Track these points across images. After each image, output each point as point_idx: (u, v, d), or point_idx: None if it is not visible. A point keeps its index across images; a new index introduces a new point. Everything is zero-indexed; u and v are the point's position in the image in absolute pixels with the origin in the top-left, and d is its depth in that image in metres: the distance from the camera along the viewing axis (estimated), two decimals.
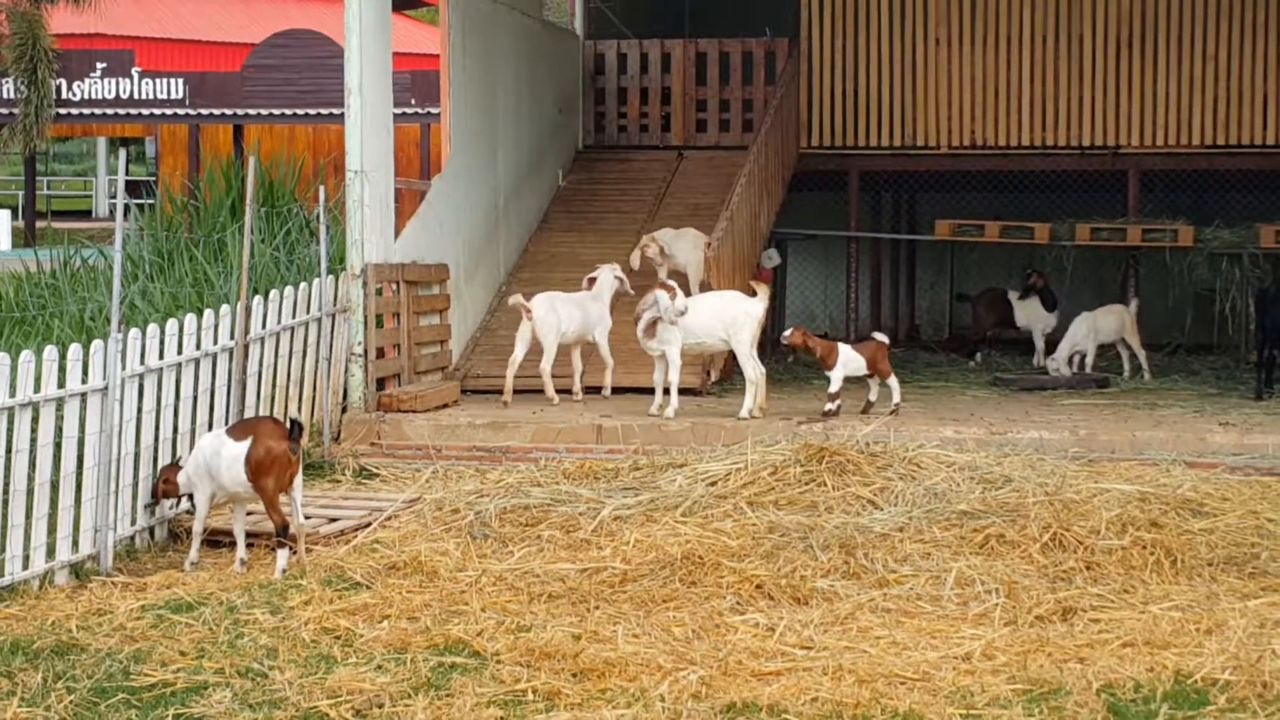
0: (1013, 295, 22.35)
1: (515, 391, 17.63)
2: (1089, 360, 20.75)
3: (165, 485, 12.40)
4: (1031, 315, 21.99)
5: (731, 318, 16.53)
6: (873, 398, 16.93)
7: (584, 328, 17.72)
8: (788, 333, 17.17)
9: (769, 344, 21.57)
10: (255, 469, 11.63)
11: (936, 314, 27.80)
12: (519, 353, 17.64)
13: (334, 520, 13.01)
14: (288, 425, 11.85)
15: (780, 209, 22.32)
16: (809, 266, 26.96)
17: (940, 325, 27.50)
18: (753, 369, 16.44)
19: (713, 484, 12.86)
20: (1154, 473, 13.57)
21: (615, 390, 17.88)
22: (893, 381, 16.85)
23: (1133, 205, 23.07)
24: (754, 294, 16.93)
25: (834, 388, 16.62)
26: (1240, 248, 22.01)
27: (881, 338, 17.37)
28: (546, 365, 17.59)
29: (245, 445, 11.71)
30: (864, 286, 24.91)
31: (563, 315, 17.60)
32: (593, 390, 17.93)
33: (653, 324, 16.58)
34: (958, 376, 20.97)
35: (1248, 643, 9.46)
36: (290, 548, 11.67)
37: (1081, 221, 22.67)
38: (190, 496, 12.26)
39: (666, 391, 16.61)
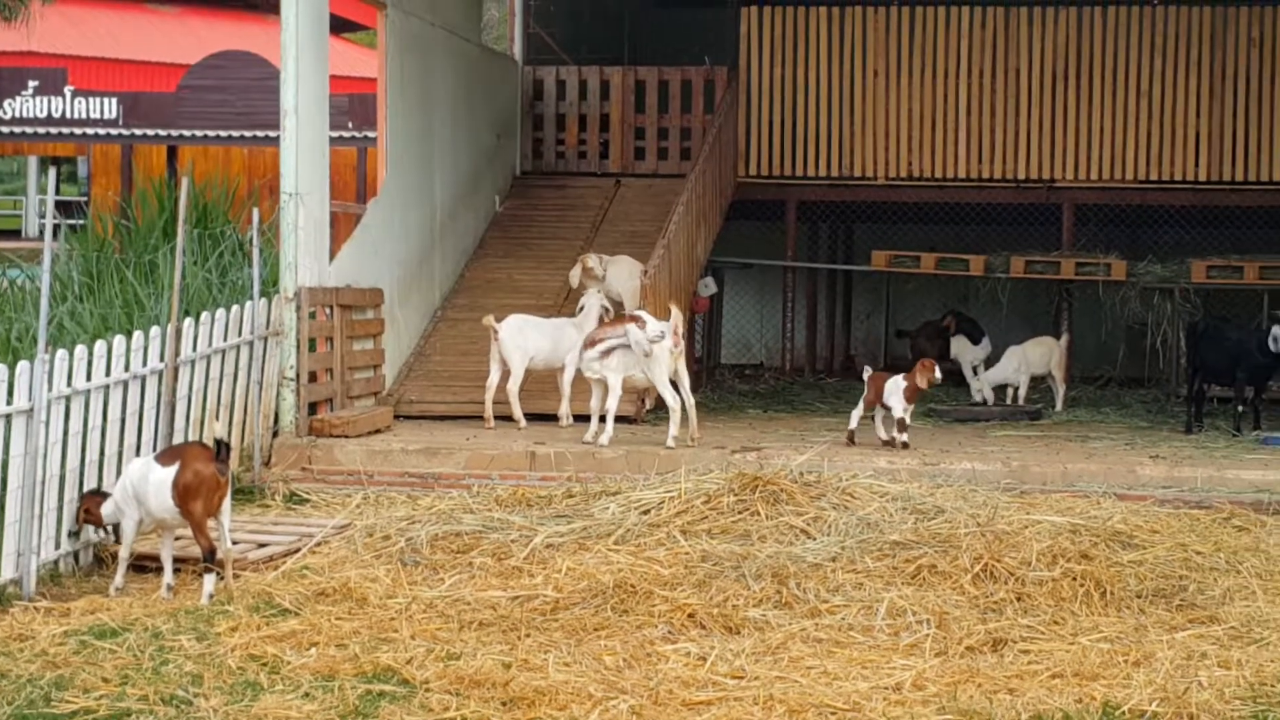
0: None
1: (452, 417, 17.60)
2: (1021, 393, 20.85)
3: (87, 515, 12.27)
4: (960, 349, 22.05)
5: (650, 352, 16.51)
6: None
7: (552, 354, 17.72)
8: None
9: (703, 372, 21.63)
10: (183, 493, 11.52)
11: (872, 345, 27.82)
12: (493, 375, 17.68)
13: (263, 546, 12.92)
14: (214, 446, 11.76)
15: (717, 237, 22.34)
16: (745, 295, 26.98)
17: (876, 356, 27.51)
18: (671, 397, 16.43)
19: (646, 512, 12.81)
20: (1085, 505, 13.61)
21: (532, 416, 17.87)
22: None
23: (1067, 239, 23.18)
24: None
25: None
26: (1172, 282, 22.15)
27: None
28: (513, 386, 17.60)
29: (173, 470, 11.59)
30: (800, 316, 24.93)
31: (530, 339, 17.62)
32: (543, 418, 17.95)
33: (610, 351, 16.58)
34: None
35: (1175, 674, 9.48)
36: (217, 573, 11.57)
37: (1016, 254, 22.77)
38: (115, 526, 12.13)
39: (602, 419, 16.59)
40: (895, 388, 16.80)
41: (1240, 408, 18.64)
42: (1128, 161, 22.99)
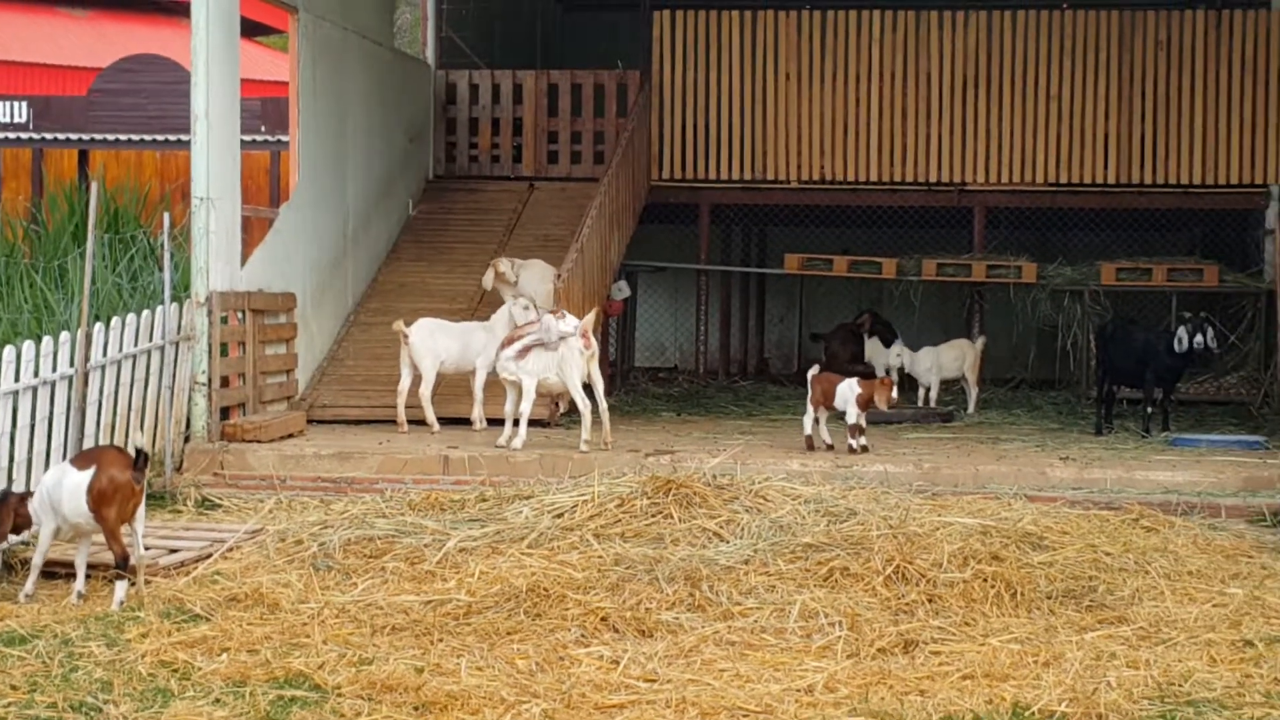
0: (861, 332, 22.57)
1: (365, 422, 17.56)
2: (933, 394, 20.98)
3: (18, 518, 12.09)
4: (873, 351, 22.15)
5: (561, 354, 16.51)
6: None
7: (462, 358, 17.71)
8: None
9: (616, 375, 21.66)
10: (98, 498, 11.41)
11: (786, 347, 27.94)
12: (405, 380, 17.66)
13: (174, 551, 12.83)
14: (132, 454, 11.67)
15: (631, 241, 22.39)
16: (659, 299, 27.04)
17: (789, 359, 27.64)
18: (582, 400, 16.45)
19: (559, 516, 12.81)
20: (996, 506, 13.68)
21: (445, 420, 17.87)
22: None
23: (978, 241, 23.35)
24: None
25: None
26: (1082, 285, 22.36)
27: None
28: (425, 390, 17.59)
29: (88, 474, 11.48)
30: (714, 319, 25.00)
31: (440, 343, 17.61)
32: (457, 422, 17.96)
33: (528, 350, 16.56)
34: (805, 410, 21.01)
35: (1084, 675, 9.55)
36: (130, 580, 11.50)
37: (928, 257, 22.93)
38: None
39: (516, 423, 16.59)
40: (849, 394, 16.72)
41: (1149, 409, 18.81)
42: (1038, 165, 23.17)
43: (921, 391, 21.19)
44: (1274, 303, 21.30)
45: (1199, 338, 18.37)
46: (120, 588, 11.34)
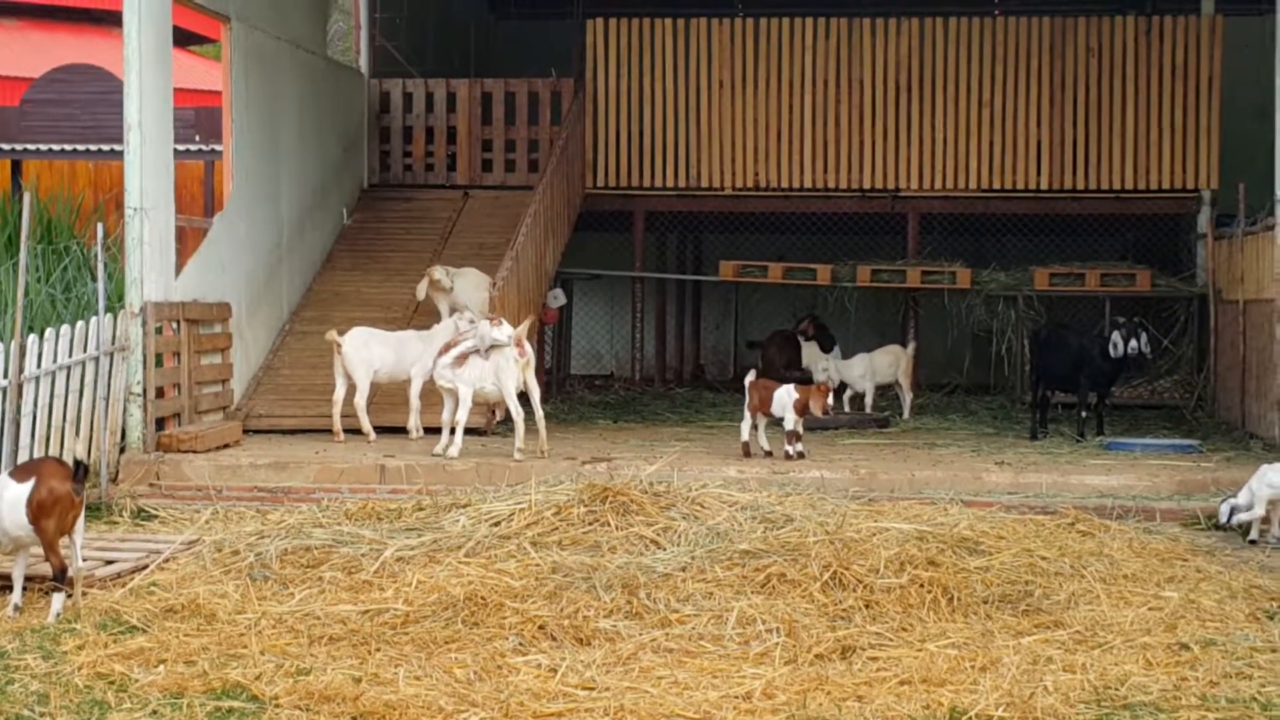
0: (801, 338, 22.62)
1: (301, 431, 17.52)
2: (868, 400, 21.04)
3: None
4: (811, 357, 22.18)
5: (497, 363, 16.49)
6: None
7: (396, 367, 17.66)
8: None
9: (553, 383, 21.66)
10: (37, 510, 11.32)
11: (722, 354, 27.99)
12: (340, 389, 17.63)
13: (110, 563, 12.77)
14: (73, 466, 11.60)
15: (566, 249, 22.39)
16: (594, 306, 27.05)
17: (725, 365, 27.68)
18: (516, 409, 16.44)
19: (496, 524, 12.80)
20: (932, 511, 13.74)
21: (382, 429, 17.85)
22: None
23: (912, 248, 23.45)
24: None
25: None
26: (1016, 290, 22.47)
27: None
28: (360, 400, 17.55)
29: (28, 487, 11.39)
30: (649, 326, 25.02)
31: (374, 352, 17.56)
32: (393, 430, 17.94)
33: (464, 357, 16.53)
34: (741, 416, 21.04)
35: (1021, 679, 9.59)
36: (67, 592, 11.43)
37: (863, 263, 23.00)
38: None
39: (453, 431, 16.57)
40: (786, 400, 16.74)
41: (1084, 414, 18.91)
42: (971, 170, 23.29)
43: (848, 395, 21.27)
44: (1206, 307, 21.45)
45: (1134, 343, 18.48)
46: (58, 600, 11.28)
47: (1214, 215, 22.23)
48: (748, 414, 16.94)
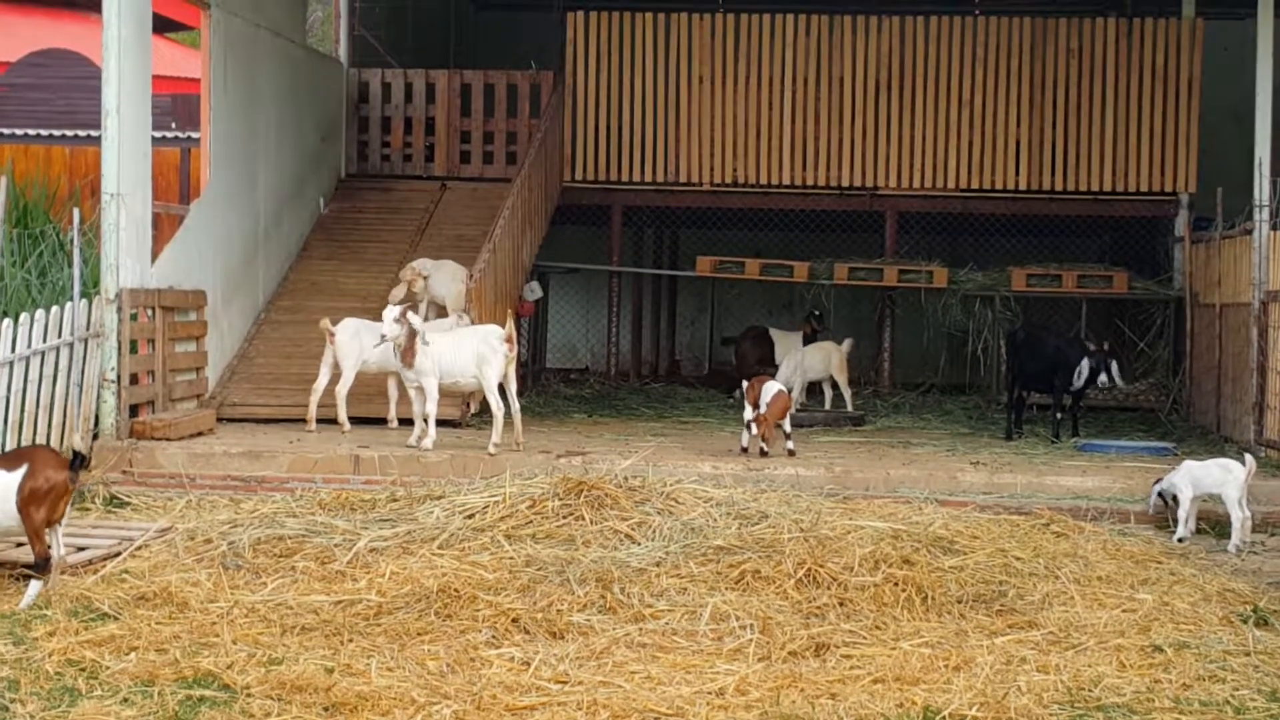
0: (776, 333, 22.57)
1: (275, 420, 17.46)
2: (796, 395, 20.71)
3: None
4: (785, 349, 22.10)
5: (482, 355, 16.43)
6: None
7: (384, 359, 17.54)
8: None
9: (528, 376, 21.62)
10: (29, 497, 11.22)
11: (697, 349, 27.98)
12: (323, 378, 17.59)
13: (82, 549, 12.71)
14: (71, 456, 11.50)
15: (543, 242, 22.36)
16: (571, 300, 27.02)
17: (700, 361, 27.67)
18: (496, 403, 16.38)
19: (470, 516, 12.78)
20: (907, 510, 13.74)
21: (357, 420, 17.81)
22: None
23: (890, 246, 23.46)
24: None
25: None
26: (993, 290, 22.49)
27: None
28: (342, 390, 17.50)
29: (18, 475, 11.29)
30: (625, 321, 25.00)
31: (365, 343, 17.48)
32: (368, 421, 17.90)
33: (411, 348, 16.47)
34: (716, 412, 21.08)
35: (994, 679, 9.59)
36: (44, 580, 11.34)
37: (840, 261, 23.00)
38: None
39: (425, 421, 16.53)
40: (770, 395, 16.71)
41: (1059, 415, 18.92)
42: (949, 170, 23.30)
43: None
44: (1183, 310, 21.47)
45: (1103, 376, 18.53)
46: (34, 587, 11.21)
47: (1192, 219, 22.24)
48: (750, 411, 16.76)
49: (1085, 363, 18.49)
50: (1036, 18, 23.42)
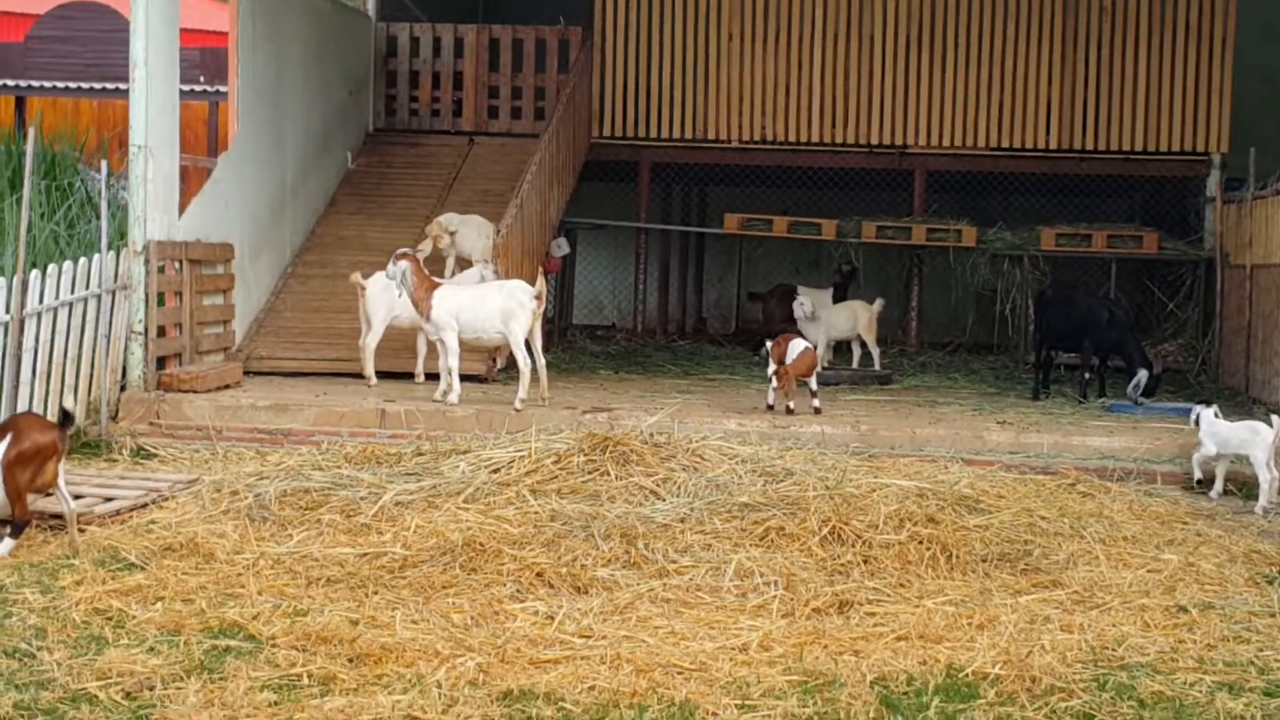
0: (804, 291, 22.49)
1: (302, 374, 17.54)
2: (820, 353, 20.60)
3: None
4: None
5: (510, 310, 16.40)
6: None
7: (416, 314, 17.52)
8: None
9: (554, 332, 21.62)
10: (15, 460, 11.19)
11: (724, 307, 27.95)
12: (370, 334, 17.56)
13: (109, 500, 12.75)
14: (59, 415, 11.49)
15: (570, 198, 22.33)
16: (598, 256, 27.00)
17: (727, 319, 27.65)
18: (523, 358, 16.36)
19: (496, 471, 12.78)
20: (932, 469, 13.73)
21: (384, 374, 17.83)
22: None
23: (918, 204, 23.39)
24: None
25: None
26: (1021, 249, 22.43)
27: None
28: (370, 341, 17.52)
29: (2, 444, 11.25)
30: (652, 278, 24.97)
31: (395, 298, 17.46)
32: (395, 375, 17.92)
33: (424, 297, 16.46)
34: (743, 370, 21.07)
35: (1018, 638, 9.58)
36: (15, 539, 11.26)
37: (868, 219, 22.94)
38: None
39: (450, 374, 16.54)
40: (795, 353, 16.69)
41: (1086, 375, 18.86)
42: (979, 128, 23.22)
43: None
44: (1213, 271, 21.40)
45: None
46: (6, 544, 11.17)
47: (1223, 179, 22.15)
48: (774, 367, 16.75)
49: (1142, 374, 18.14)
50: None
